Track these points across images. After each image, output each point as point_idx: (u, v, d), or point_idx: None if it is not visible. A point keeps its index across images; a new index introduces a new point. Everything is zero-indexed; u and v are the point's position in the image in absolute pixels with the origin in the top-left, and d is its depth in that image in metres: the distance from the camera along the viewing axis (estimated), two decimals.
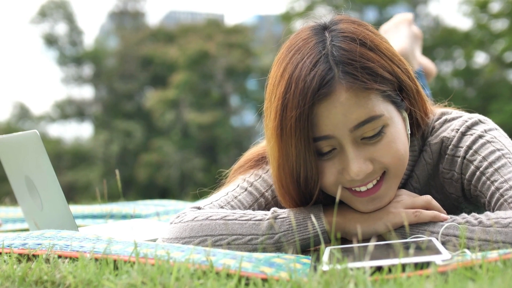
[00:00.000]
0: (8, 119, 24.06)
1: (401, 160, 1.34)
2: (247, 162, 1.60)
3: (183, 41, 23.75)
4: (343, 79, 1.26)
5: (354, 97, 1.27)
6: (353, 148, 1.29)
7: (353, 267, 1.03)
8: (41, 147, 1.60)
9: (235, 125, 24.68)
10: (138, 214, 2.52)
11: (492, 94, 15.98)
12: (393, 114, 1.33)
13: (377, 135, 1.30)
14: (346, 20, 1.37)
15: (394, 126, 1.32)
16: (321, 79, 1.26)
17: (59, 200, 1.64)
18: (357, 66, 1.27)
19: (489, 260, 1.04)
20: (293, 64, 1.31)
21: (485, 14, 16.55)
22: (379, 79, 1.29)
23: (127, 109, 24.62)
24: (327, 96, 1.26)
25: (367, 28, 1.36)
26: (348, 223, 1.35)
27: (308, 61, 1.28)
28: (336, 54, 1.28)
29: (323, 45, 1.31)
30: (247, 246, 1.32)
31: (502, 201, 1.33)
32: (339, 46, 1.29)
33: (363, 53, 1.30)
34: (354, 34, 1.32)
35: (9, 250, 1.34)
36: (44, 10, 24.89)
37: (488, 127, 1.46)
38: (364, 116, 1.28)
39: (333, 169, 1.32)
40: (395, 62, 1.35)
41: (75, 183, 20.71)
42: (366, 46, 1.31)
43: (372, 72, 1.29)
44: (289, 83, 1.29)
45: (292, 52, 1.33)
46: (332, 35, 1.32)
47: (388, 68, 1.32)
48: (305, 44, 1.32)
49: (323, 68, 1.27)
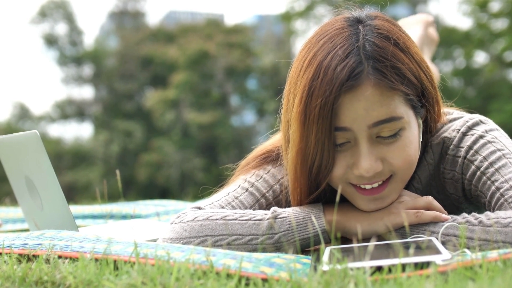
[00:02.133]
0: (8, 119, 24.06)
1: (410, 165, 1.34)
2: (254, 158, 1.60)
3: (183, 41, 23.75)
4: (372, 74, 1.26)
5: (379, 94, 1.27)
6: (367, 145, 1.29)
7: (353, 267, 1.03)
8: (41, 147, 1.60)
9: (235, 125, 24.68)
10: (138, 214, 2.52)
11: (492, 93, 15.96)
12: (412, 119, 1.33)
13: (393, 136, 1.30)
14: (381, 18, 1.37)
15: (410, 131, 1.32)
16: (351, 71, 1.26)
17: (59, 201, 1.64)
18: (387, 64, 1.28)
19: (489, 260, 1.04)
20: (323, 51, 1.30)
21: (485, 13, 16.54)
22: (405, 81, 1.29)
23: (127, 109, 24.62)
24: (353, 89, 1.26)
25: (400, 29, 1.36)
26: (348, 222, 1.35)
27: (340, 51, 1.28)
28: (368, 49, 1.28)
29: (356, 37, 1.30)
30: (247, 246, 1.32)
31: (502, 201, 1.33)
32: (372, 42, 1.29)
33: (395, 53, 1.30)
34: (389, 33, 1.32)
35: (9, 250, 1.34)
36: (44, 10, 24.89)
37: (489, 128, 1.46)
38: (385, 115, 1.28)
39: (344, 162, 1.32)
40: (422, 68, 1.35)
41: (75, 183, 20.71)
42: (398, 47, 1.31)
43: (400, 73, 1.29)
44: (317, 70, 1.28)
45: (324, 39, 1.33)
46: (367, 29, 1.32)
47: (415, 72, 1.32)
48: (339, 34, 1.32)
49: (354, 60, 1.27)
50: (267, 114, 23.31)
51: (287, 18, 20.04)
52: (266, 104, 23.02)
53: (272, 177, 1.54)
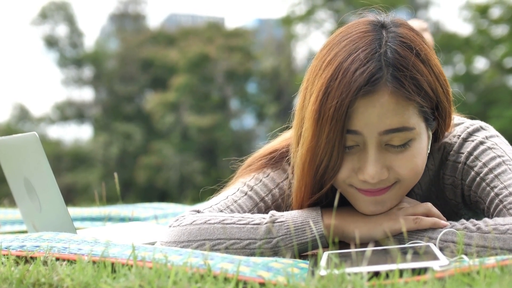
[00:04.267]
0: (8, 120, 24.06)
1: (416, 175, 1.34)
2: (260, 158, 1.59)
3: (184, 44, 23.75)
4: (390, 82, 1.26)
5: (395, 103, 1.26)
6: (376, 151, 1.29)
7: (350, 272, 1.03)
8: (40, 149, 1.60)
9: (235, 128, 24.68)
10: (136, 217, 2.52)
11: (492, 99, 15.97)
12: (423, 130, 1.33)
13: (402, 146, 1.30)
14: (406, 26, 1.36)
15: (420, 142, 1.32)
16: (370, 76, 1.26)
17: (57, 203, 1.64)
18: (406, 74, 1.27)
19: (487, 266, 1.04)
20: (345, 53, 1.30)
21: (485, 19, 16.55)
22: (422, 93, 1.29)
23: (127, 111, 24.62)
24: (370, 94, 1.26)
25: (423, 40, 1.36)
26: (347, 226, 1.35)
27: (362, 55, 1.28)
28: (390, 56, 1.28)
29: (379, 43, 1.30)
30: (245, 251, 1.32)
31: (501, 207, 1.33)
32: (394, 49, 1.29)
33: (416, 64, 1.29)
34: (412, 43, 1.31)
35: (7, 252, 1.34)
36: (45, 12, 24.90)
37: (489, 134, 1.46)
38: (397, 124, 1.27)
39: (350, 165, 1.32)
40: (440, 81, 1.35)
41: (74, 185, 20.71)
42: (420, 58, 1.30)
43: (418, 85, 1.29)
44: (337, 71, 1.28)
45: (346, 41, 1.32)
46: (390, 36, 1.32)
47: (432, 85, 1.32)
48: (362, 37, 1.32)
49: (374, 66, 1.26)
50: (267, 118, 23.32)
51: (287, 22, 20.06)
52: (266, 108, 23.04)
53: (272, 181, 1.54)
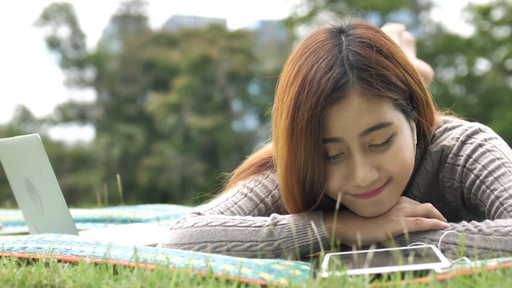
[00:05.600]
0: (10, 121, 24.09)
1: (407, 169, 1.34)
2: (250, 166, 1.60)
3: (186, 45, 23.77)
4: (357, 84, 1.26)
5: (367, 102, 1.27)
6: (361, 154, 1.29)
7: (352, 274, 1.03)
8: (42, 150, 1.60)
9: (236, 129, 24.69)
10: (138, 218, 2.52)
11: (494, 101, 15.97)
12: (402, 123, 1.33)
13: (385, 143, 1.30)
14: (363, 26, 1.37)
15: (402, 135, 1.32)
16: (335, 82, 1.26)
17: (59, 204, 1.64)
18: (372, 73, 1.27)
19: (488, 268, 1.04)
20: (308, 65, 1.30)
21: (487, 21, 16.55)
22: (392, 87, 1.29)
23: (129, 112, 24.64)
24: (340, 100, 1.26)
25: (383, 36, 1.36)
26: (348, 229, 1.35)
27: (323, 64, 1.28)
28: (352, 59, 1.28)
29: (339, 48, 1.30)
30: (246, 253, 1.32)
31: (502, 209, 1.33)
32: (355, 51, 1.29)
33: (379, 60, 1.29)
34: (371, 41, 1.32)
35: (9, 253, 1.34)
36: (47, 13, 24.93)
37: (488, 136, 1.46)
38: (374, 122, 1.28)
39: (339, 173, 1.32)
40: (408, 72, 1.35)
41: (76, 186, 20.72)
42: (382, 54, 1.31)
43: (386, 80, 1.29)
44: (303, 84, 1.28)
45: (308, 53, 1.33)
46: (349, 39, 1.32)
47: (401, 77, 1.32)
48: (321, 47, 1.32)
49: (338, 72, 1.26)
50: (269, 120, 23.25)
51: (289, 23, 20.04)
52: (268, 110, 22.97)
53: (271, 182, 1.54)
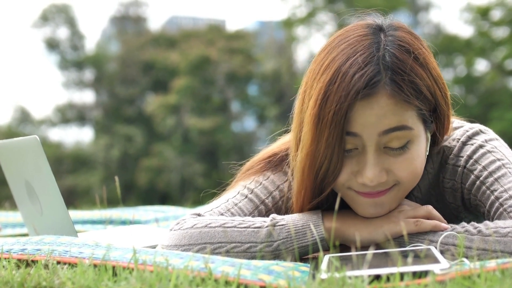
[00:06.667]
0: (9, 122, 24.08)
1: (414, 178, 1.34)
2: (259, 162, 1.59)
3: (185, 46, 23.77)
4: (389, 86, 1.26)
5: (393, 105, 1.27)
6: (374, 154, 1.29)
7: (351, 275, 1.03)
8: (41, 152, 1.60)
9: (236, 130, 24.68)
10: (137, 220, 2.52)
11: (493, 101, 15.98)
12: (421, 133, 1.33)
13: (401, 148, 1.30)
14: (404, 29, 1.36)
15: (418, 144, 1.33)
16: (369, 79, 1.26)
17: (58, 206, 1.64)
18: (405, 78, 1.27)
19: (488, 269, 1.04)
20: (343, 56, 1.30)
21: (486, 21, 16.56)
22: (421, 97, 1.30)
23: (128, 113, 24.63)
24: (368, 97, 1.26)
25: (422, 43, 1.36)
26: (347, 230, 1.35)
27: (360, 59, 1.28)
28: (388, 60, 1.28)
29: (377, 46, 1.30)
30: (246, 254, 1.32)
31: (501, 210, 1.33)
32: (393, 53, 1.29)
33: (414, 67, 1.29)
34: (410, 46, 1.31)
35: (8, 255, 1.34)
36: (46, 14, 24.93)
37: (489, 137, 1.46)
38: (396, 123, 1.28)
39: (349, 168, 1.32)
40: (438, 85, 1.35)
41: (75, 188, 20.71)
42: (418, 62, 1.31)
43: (417, 89, 1.29)
44: (335, 75, 1.28)
45: (345, 44, 1.32)
46: (388, 40, 1.32)
47: (431, 88, 1.32)
48: (360, 41, 1.32)
49: (372, 70, 1.27)
50: (268, 120, 23.31)
51: (288, 24, 20.08)
52: (267, 110, 23.02)
53: (272, 183, 1.54)
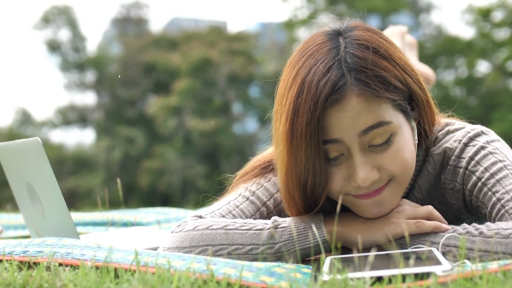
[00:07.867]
0: (11, 124, 24.06)
1: (407, 168, 1.34)
2: (253, 169, 1.60)
3: (186, 48, 23.76)
4: (355, 86, 1.27)
5: (365, 102, 1.27)
6: (361, 155, 1.30)
7: (353, 277, 1.03)
8: (43, 154, 1.61)
9: (237, 132, 24.67)
10: (139, 222, 2.52)
11: (495, 103, 15.97)
12: (402, 123, 1.33)
13: (385, 143, 1.30)
14: (360, 27, 1.37)
15: (402, 135, 1.33)
16: (333, 84, 1.27)
17: (60, 207, 1.64)
18: (369, 74, 1.28)
19: (489, 271, 1.04)
20: (306, 68, 1.31)
21: (487, 23, 16.55)
22: (390, 88, 1.30)
23: (129, 115, 24.62)
24: (338, 102, 1.27)
25: (381, 37, 1.37)
26: (349, 232, 1.35)
27: (321, 66, 1.29)
28: (349, 61, 1.29)
29: (337, 51, 1.31)
30: (247, 256, 1.32)
31: (503, 212, 1.33)
32: (352, 53, 1.30)
33: (376, 62, 1.30)
34: (368, 42, 1.32)
35: (10, 257, 1.34)
36: (47, 16, 24.93)
37: (491, 139, 1.46)
38: (373, 121, 1.28)
39: (340, 175, 1.32)
40: (407, 72, 1.35)
41: (77, 189, 20.70)
42: (380, 55, 1.31)
43: (384, 81, 1.29)
44: (301, 88, 1.29)
45: (306, 56, 1.33)
46: (346, 41, 1.33)
47: (400, 77, 1.33)
48: (319, 49, 1.33)
49: (335, 74, 1.27)
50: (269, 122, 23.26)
51: (290, 26, 20.05)
52: (268, 112, 22.96)
53: (273, 185, 1.54)
